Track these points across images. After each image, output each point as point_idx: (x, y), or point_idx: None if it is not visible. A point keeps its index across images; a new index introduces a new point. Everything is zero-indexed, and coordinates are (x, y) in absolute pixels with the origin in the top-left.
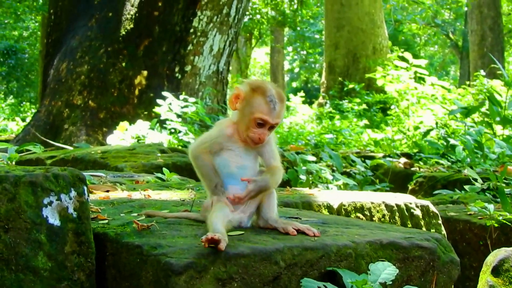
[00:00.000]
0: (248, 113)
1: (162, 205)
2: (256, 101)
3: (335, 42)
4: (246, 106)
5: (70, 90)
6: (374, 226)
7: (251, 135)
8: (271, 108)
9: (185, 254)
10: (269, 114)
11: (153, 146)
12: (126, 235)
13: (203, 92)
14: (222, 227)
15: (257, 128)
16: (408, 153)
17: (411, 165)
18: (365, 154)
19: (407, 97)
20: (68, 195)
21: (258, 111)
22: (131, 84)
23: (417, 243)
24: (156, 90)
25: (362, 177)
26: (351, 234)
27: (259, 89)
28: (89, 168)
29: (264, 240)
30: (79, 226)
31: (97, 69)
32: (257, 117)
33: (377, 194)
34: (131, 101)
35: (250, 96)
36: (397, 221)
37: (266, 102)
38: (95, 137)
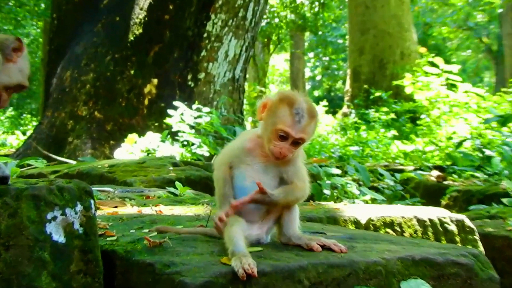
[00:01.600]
0: (271, 123)
1: (175, 221)
2: (281, 111)
3: (360, 47)
4: (271, 116)
5: (75, 100)
6: (405, 242)
7: (271, 148)
8: (295, 120)
9: (201, 272)
10: (292, 126)
11: (165, 159)
12: (137, 252)
13: (218, 101)
14: (244, 245)
15: (279, 141)
16: (440, 166)
17: (444, 179)
18: (394, 167)
19: (438, 106)
20: (74, 210)
21: (281, 122)
22: (140, 94)
23: (452, 259)
24: (167, 99)
25: (391, 192)
26: (381, 250)
27: (287, 99)
28: (95, 183)
29: (286, 257)
30: (86, 243)
31: (103, 77)
32: (278, 128)
33: (408, 208)
34: (140, 111)
35: (276, 106)
36: (430, 237)
37: (291, 113)
38: (102, 150)
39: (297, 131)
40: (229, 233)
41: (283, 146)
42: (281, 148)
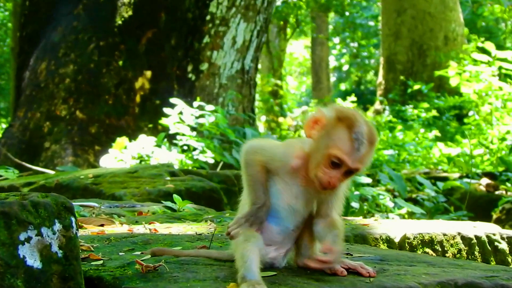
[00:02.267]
0: (324, 146)
1: (172, 241)
2: (338, 133)
3: (395, 30)
4: (324, 136)
5: (52, 97)
6: (446, 263)
7: (320, 176)
8: (354, 147)
9: None
10: (349, 154)
11: (161, 167)
12: (127, 279)
13: (224, 97)
14: (258, 270)
15: (330, 168)
16: (491, 173)
17: (496, 188)
18: (436, 174)
19: (489, 100)
20: (51, 229)
21: (337, 147)
22: (131, 89)
23: (502, 284)
24: (163, 95)
25: (433, 204)
26: (417, 273)
27: (347, 120)
28: (78, 197)
29: (305, 283)
30: (66, 268)
31: (86, 70)
32: (333, 154)
33: (451, 224)
34: (131, 110)
35: (332, 125)
36: (477, 258)
37: (350, 138)
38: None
39: (354, 160)
40: (242, 252)
41: (334, 175)
42: (331, 177)
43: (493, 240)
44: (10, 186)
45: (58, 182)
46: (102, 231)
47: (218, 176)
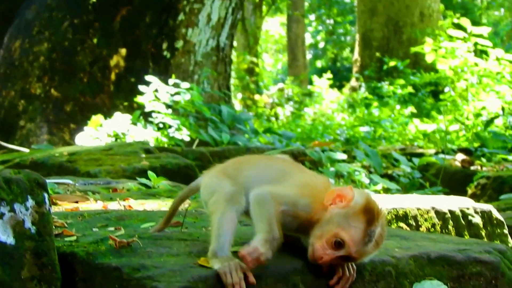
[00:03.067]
0: (336, 224)
1: (146, 217)
2: (356, 222)
3: (371, 7)
4: (342, 216)
5: (26, 76)
6: (420, 237)
7: (316, 247)
8: (364, 241)
9: (177, 277)
10: (356, 243)
11: (136, 145)
12: (101, 254)
13: (199, 75)
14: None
15: (330, 246)
16: (467, 148)
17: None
18: (412, 150)
19: (465, 76)
20: (24, 205)
21: (348, 232)
22: (106, 67)
23: (475, 257)
24: (139, 73)
25: (408, 180)
26: (391, 247)
27: (370, 214)
28: (53, 175)
29: (278, 258)
30: (40, 244)
31: (60, 48)
32: (340, 235)
33: (425, 198)
34: (106, 88)
35: (355, 212)
36: (450, 232)
37: (365, 232)
38: (60, 136)
39: (358, 250)
40: (218, 225)
41: (330, 254)
42: (327, 254)
43: (466, 214)
44: None
45: (33, 160)
46: (76, 207)
47: (193, 153)
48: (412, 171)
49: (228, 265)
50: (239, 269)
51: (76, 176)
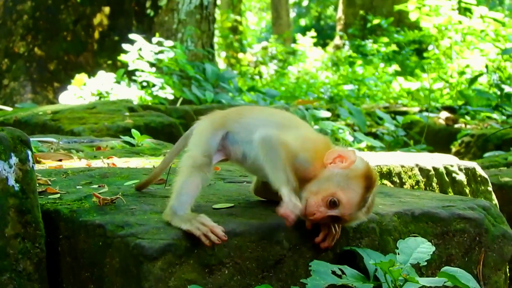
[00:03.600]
0: (335, 183)
1: (129, 174)
2: (356, 186)
3: None
4: (342, 177)
5: (9, 34)
6: (404, 194)
7: (310, 203)
8: (359, 205)
9: (161, 234)
10: (352, 206)
11: (119, 103)
12: (84, 212)
13: (183, 33)
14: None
15: (325, 204)
16: (451, 106)
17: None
18: (396, 109)
19: (449, 34)
20: (8, 163)
21: (346, 194)
22: (89, 25)
23: (458, 213)
24: (122, 32)
25: (392, 138)
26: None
27: (369, 181)
28: (36, 133)
29: (262, 214)
30: (23, 202)
31: (43, 6)
32: (338, 195)
33: (410, 156)
34: (89, 47)
35: (355, 175)
36: (435, 189)
37: (362, 196)
38: (44, 94)
39: (351, 213)
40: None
41: (322, 211)
42: (320, 211)
43: (450, 171)
44: None
45: (16, 119)
46: (60, 165)
47: (177, 111)
48: (396, 129)
49: (197, 222)
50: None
51: (60, 135)
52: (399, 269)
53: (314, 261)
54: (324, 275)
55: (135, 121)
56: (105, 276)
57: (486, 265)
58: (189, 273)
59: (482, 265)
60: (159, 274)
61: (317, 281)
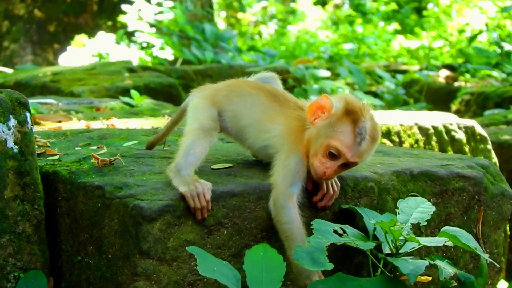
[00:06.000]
0: (325, 135)
1: (128, 135)
2: (342, 126)
3: None
4: (327, 127)
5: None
6: (402, 153)
7: (316, 165)
8: (356, 141)
9: (159, 195)
10: (349, 147)
11: (119, 64)
12: (83, 173)
13: None
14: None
15: (328, 158)
16: (450, 65)
17: (455, 79)
18: (396, 67)
19: None
20: (6, 125)
21: (338, 139)
22: None
23: (457, 172)
24: None
25: (392, 97)
26: (373, 163)
27: (354, 114)
28: (36, 95)
29: (261, 174)
30: (22, 164)
31: None
32: (332, 145)
33: (409, 114)
34: (89, 8)
35: (338, 117)
36: (434, 148)
37: (354, 132)
38: (44, 56)
39: (353, 154)
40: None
41: (330, 166)
42: (328, 168)
43: (450, 129)
44: None
45: (16, 80)
46: (59, 127)
47: (177, 72)
48: (396, 88)
49: (195, 188)
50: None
51: (59, 96)
52: (400, 229)
53: (316, 220)
54: (326, 234)
55: (135, 81)
56: (104, 237)
57: (485, 223)
58: (188, 234)
59: (481, 224)
60: (158, 235)
61: (320, 239)
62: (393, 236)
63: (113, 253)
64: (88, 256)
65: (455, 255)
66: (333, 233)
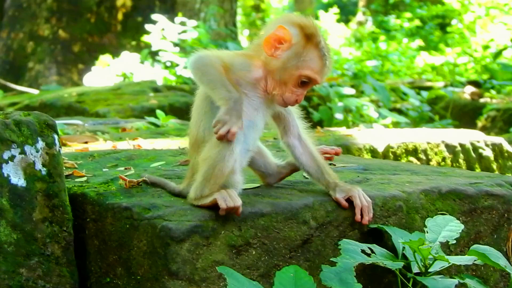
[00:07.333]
0: (293, 66)
1: (155, 156)
2: (309, 54)
3: None
4: (293, 57)
5: (34, 17)
6: (430, 171)
7: (287, 95)
8: (324, 64)
9: (188, 215)
10: (320, 72)
11: (144, 84)
12: (111, 195)
13: (205, 12)
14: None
15: (299, 87)
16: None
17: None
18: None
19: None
20: (35, 147)
21: (309, 68)
22: (113, 6)
23: (486, 190)
24: (145, 12)
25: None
26: (401, 181)
27: (313, 36)
28: (62, 116)
29: (288, 194)
30: (50, 186)
31: None
32: (304, 75)
33: (435, 132)
34: (113, 28)
35: (301, 45)
36: (461, 165)
37: (320, 56)
38: (69, 76)
39: (322, 76)
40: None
41: (301, 93)
42: (299, 95)
43: (477, 147)
44: None
45: (42, 101)
46: (85, 148)
47: None
48: (421, 105)
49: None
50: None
51: (85, 116)
52: (429, 248)
53: (343, 240)
54: (353, 254)
55: (160, 101)
56: (132, 258)
57: None
58: (217, 254)
59: (511, 242)
60: (187, 256)
61: (347, 259)
62: (422, 255)
63: (142, 274)
64: (117, 278)
65: (485, 274)
66: (361, 253)
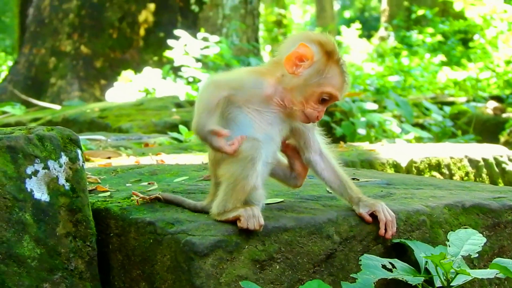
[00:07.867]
0: (315, 84)
1: (179, 171)
2: (330, 71)
3: None
4: (315, 75)
5: (56, 33)
6: (453, 186)
7: (308, 111)
8: (344, 80)
9: (211, 230)
10: (340, 89)
11: (166, 99)
12: (135, 209)
13: (228, 28)
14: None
15: (319, 104)
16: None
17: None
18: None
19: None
20: (58, 162)
21: (330, 85)
22: (135, 22)
23: (510, 205)
24: (167, 28)
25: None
26: (424, 196)
27: (334, 54)
28: (84, 131)
29: (312, 209)
30: (74, 200)
31: (89, 4)
32: (326, 92)
33: (458, 147)
34: (135, 43)
35: (323, 63)
36: (484, 180)
37: (340, 72)
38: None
39: (343, 92)
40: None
41: (322, 109)
42: (320, 112)
43: (500, 162)
44: (17, 122)
45: (64, 117)
46: (108, 163)
47: None
48: (444, 120)
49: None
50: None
51: (107, 132)
52: (450, 262)
53: (364, 255)
54: (374, 269)
55: (182, 116)
56: (156, 273)
57: None
58: (240, 269)
59: None
60: (210, 271)
61: (368, 275)
62: (443, 269)
63: None
64: None
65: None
66: (382, 268)
